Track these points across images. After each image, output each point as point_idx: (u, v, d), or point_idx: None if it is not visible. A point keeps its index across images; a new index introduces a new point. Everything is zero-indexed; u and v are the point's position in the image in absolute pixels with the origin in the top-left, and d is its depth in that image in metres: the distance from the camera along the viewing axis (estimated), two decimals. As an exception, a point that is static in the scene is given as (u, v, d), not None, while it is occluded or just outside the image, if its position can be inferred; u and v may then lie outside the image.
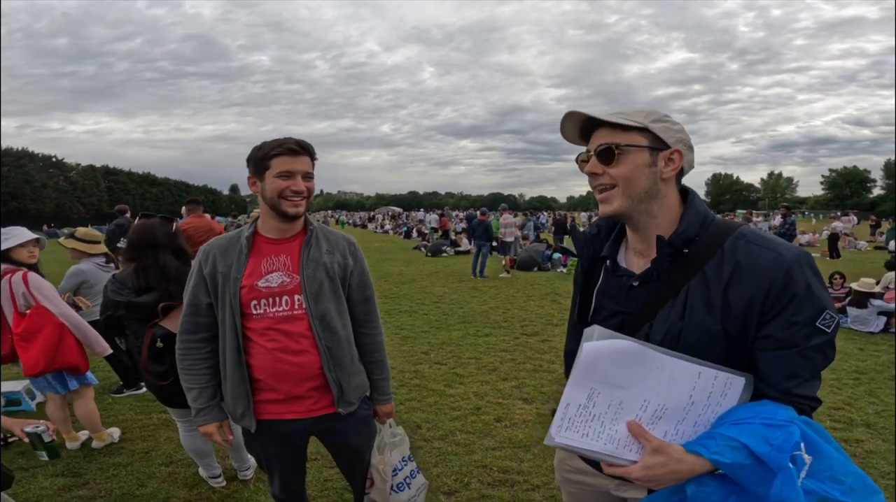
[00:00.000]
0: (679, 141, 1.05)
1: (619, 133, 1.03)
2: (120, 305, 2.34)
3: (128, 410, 3.89)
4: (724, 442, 0.91)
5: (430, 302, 8.27)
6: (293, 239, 1.72)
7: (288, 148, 1.61)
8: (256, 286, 1.64)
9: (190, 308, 1.71)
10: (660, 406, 0.98)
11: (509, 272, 11.57)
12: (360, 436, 1.87)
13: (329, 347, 1.69)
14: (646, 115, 1.04)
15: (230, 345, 1.66)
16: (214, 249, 1.70)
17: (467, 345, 5.65)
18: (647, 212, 1.06)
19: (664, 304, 1.04)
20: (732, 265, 0.98)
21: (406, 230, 26.91)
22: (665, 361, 0.98)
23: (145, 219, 2.55)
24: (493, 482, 2.81)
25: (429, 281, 10.77)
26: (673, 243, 1.04)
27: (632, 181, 1.03)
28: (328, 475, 2.87)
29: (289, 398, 1.71)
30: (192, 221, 5.66)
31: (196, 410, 1.74)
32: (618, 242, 1.19)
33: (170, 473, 2.95)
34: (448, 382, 4.42)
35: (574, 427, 1.00)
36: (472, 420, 3.60)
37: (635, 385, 0.98)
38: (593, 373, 0.98)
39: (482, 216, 11.98)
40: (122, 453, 3.20)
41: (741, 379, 0.99)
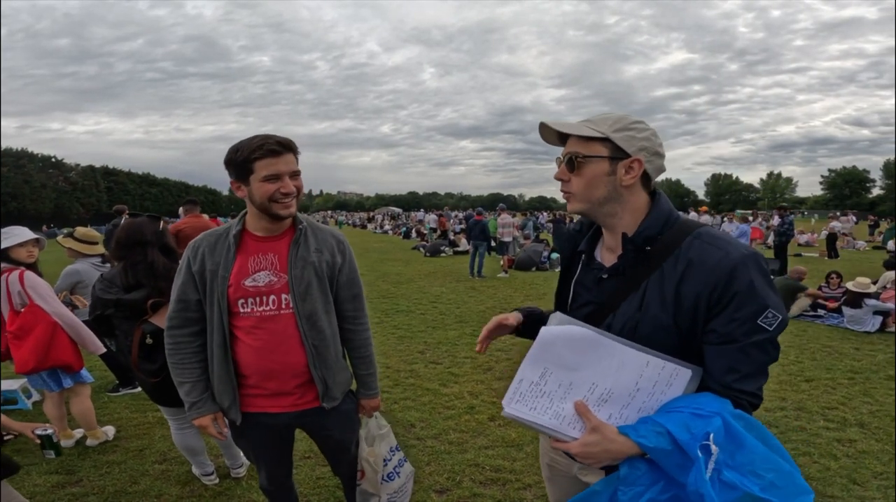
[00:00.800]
0: (641, 149, 1.10)
1: (583, 143, 1.11)
2: (109, 303, 2.34)
3: (123, 409, 3.91)
4: (652, 427, 0.97)
5: (427, 302, 8.28)
6: (281, 237, 1.70)
7: (269, 149, 1.55)
8: (243, 285, 1.63)
9: (179, 304, 1.70)
10: (606, 390, 1.06)
11: (507, 272, 11.59)
12: (343, 430, 1.89)
13: (315, 345, 1.69)
14: (611, 125, 1.10)
15: (217, 341, 1.67)
16: (203, 246, 1.69)
17: (463, 344, 5.67)
18: (609, 214, 1.14)
19: (626, 297, 1.11)
20: (685, 262, 1.05)
21: (405, 230, 26.93)
22: (616, 348, 1.06)
23: (133, 218, 2.56)
24: (485, 480, 2.82)
25: (427, 281, 10.78)
26: (634, 241, 1.11)
27: (589, 188, 1.11)
28: (321, 473, 2.88)
29: (274, 393, 1.73)
30: (189, 221, 5.70)
31: (189, 404, 1.73)
32: (596, 238, 1.27)
33: (163, 471, 2.97)
34: (443, 381, 4.43)
35: (524, 400, 1.08)
36: (466, 419, 3.61)
37: (586, 368, 1.06)
38: (547, 354, 1.07)
39: (478, 216, 12.00)
40: (116, 451, 3.22)
41: (688, 371, 1.05)
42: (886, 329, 6.19)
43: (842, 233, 18.49)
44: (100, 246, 4.01)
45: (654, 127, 1.14)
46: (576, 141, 1.12)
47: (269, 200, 1.57)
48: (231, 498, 2.68)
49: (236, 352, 1.68)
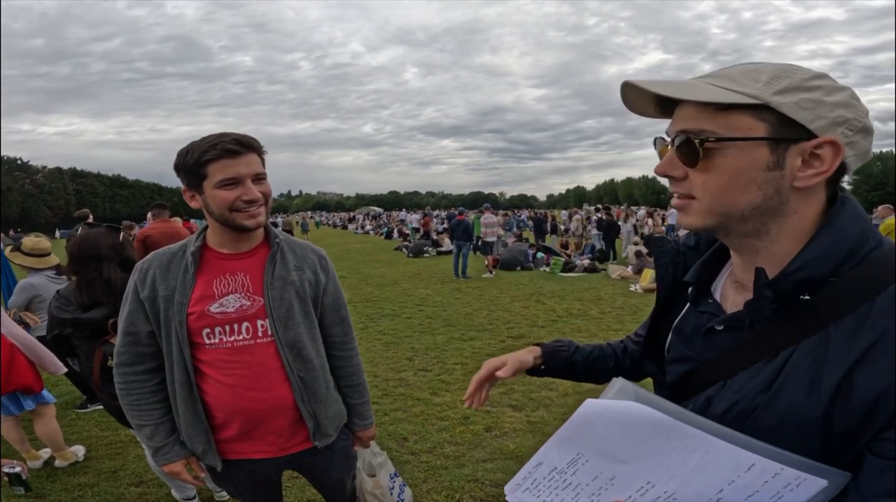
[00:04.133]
0: (838, 122, 0.63)
1: (714, 115, 0.65)
2: (66, 323, 2.12)
3: (93, 426, 3.69)
4: None
5: (412, 304, 8.12)
6: (252, 253, 1.45)
7: (224, 149, 1.29)
8: (208, 311, 1.38)
9: (127, 337, 1.43)
10: (666, 494, 0.72)
11: (492, 272, 11.50)
12: (339, 469, 1.69)
13: (302, 377, 1.47)
14: (769, 80, 0.63)
15: (179, 379, 1.41)
16: (153, 268, 1.42)
17: (452, 349, 5.52)
18: (756, 233, 0.69)
19: (749, 366, 0.71)
20: (879, 332, 0.60)
21: (387, 231, 26.69)
22: (703, 442, 0.68)
23: (88, 230, 2.30)
24: (486, 497, 2.70)
25: (411, 282, 10.60)
26: (777, 285, 0.66)
27: (726, 194, 0.66)
28: (311, 495, 2.71)
29: (256, 436, 1.48)
30: (158, 226, 5.35)
31: (154, 449, 1.47)
32: (714, 265, 0.84)
33: (140, 494, 2.78)
34: (434, 390, 4.28)
35: (537, 491, 0.79)
36: (461, 430, 3.47)
37: (642, 461, 0.72)
38: (587, 436, 0.73)
39: (460, 216, 11.88)
40: (87, 472, 3.02)
41: (821, 482, 0.65)
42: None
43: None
44: (52, 257, 3.73)
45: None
46: (698, 111, 0.66)
47: (229, 210, 1.33)
48: (214, 524, 2.50)
49: (204, 392, 1.43)
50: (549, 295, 8.81)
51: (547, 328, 6.42)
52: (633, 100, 0.74)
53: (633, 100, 0.74)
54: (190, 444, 1.48)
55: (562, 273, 11.44)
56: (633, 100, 0.74)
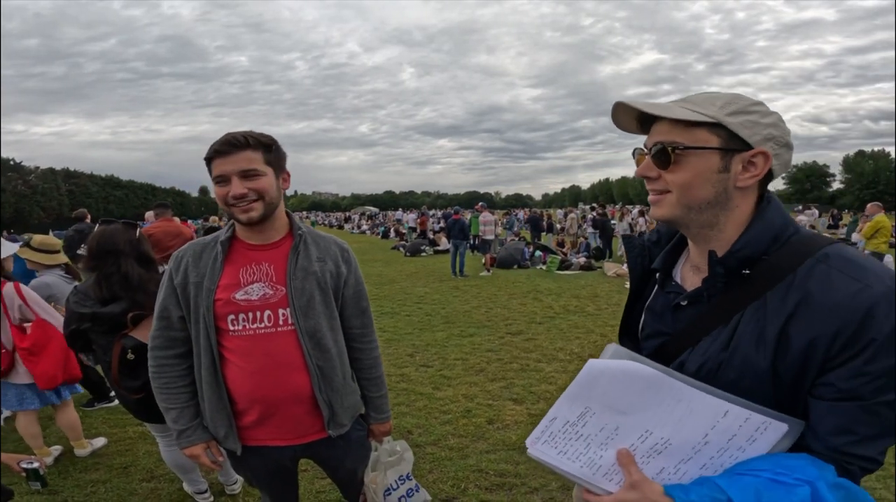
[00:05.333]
0: (768, 138, 0.84)
1: (682, 130, 0.85)
2: (85, 317, 2.18)
3: (101, 424, 3.73)
4: (708, 492, 0.78)
5: (411, 303, 8.21)
6: (277, 245, 1.52)
7: (215, 149, 1.38)
8: (233, 299, 1.44)
9: (161, 321, 1.52)
10: (663, 439, 0.86)
11: (490, 270, 11.59)
12: (353, 459, 1.74)
13: (320, 366, 1.52)
14: (722, 106, 0.84)
15: (205, 364, 1.48)
16: (187, 256, 1.51)
17: (452, 345, 5.61)
18: (708, 223, 0.89)
19: (710, 332, 0.89)
20: (801, 294, 0.80)
21: (383, 230, 26.72)
22: (686, 392, 0.85)
23: (105, 226, 2.38)
24: (491, 486, 2.77)
25: (409, 281, 10.69)
26: (726, 262, 0.87)
27: (691, 189, 0.86)
28: (320, 486, 2.78)
29: (275, 422, 1.54)
30: (161, 225, 5.42)
31: (178, 432, 1.55)
32: (676, 253, 1.04)
33: (152, 489, 2.82)
34: (436, 385, 4.37)
35: (554, 442, 0.91)
36: (464, 423, 3.56)
37: (640, 412, 0.87)
38: (592, 391, 0.88)
39: (456, 215, 11.96)
40: (99, 468, 3.06)
41: (782, 426, 0.82)
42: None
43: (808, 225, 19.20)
44: (61, 254, 3.76)
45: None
46: (670, 127, 0.86)
47: (226, 205, 1.41)
48: (228, 515, 2.57)
49: (228, 378, 1.49)
50: (546, 292, 8.91)
51: (545, 324, 6.52)
52: (620, 118, 0.93)
53: (620, 118, 0.93)
54: (213, 428, 1.55)
55: (558, 271, 11.54)
56: (620, 118, 0.93)
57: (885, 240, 8.80)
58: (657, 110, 0.86)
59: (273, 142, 1.47)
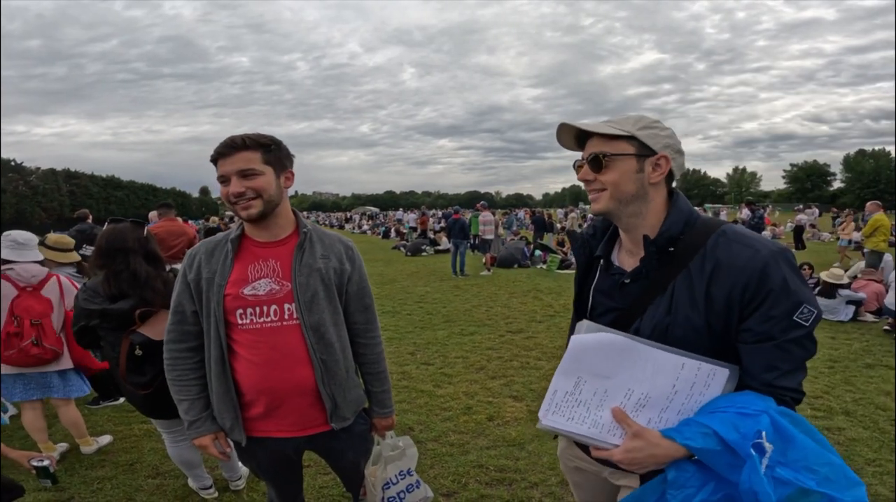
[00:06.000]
0: (666, 146, 1.10)
1: (608, 142, 1.10)
2: (94, 314, 2.22)
3: (106, 421, 3.76)
4: (697, 429, 0.96)
5: (412, 302, 8.25)
6: (284, 242, 1.58)
7: (217, 152, 1.47)
8: (242, 294, 1.51)
9: (175, 316, 1.59)
10: (643, 394, 1.05)
11: (490, 270, 11.63)
12: (356, 452, 1.78)
13: (324, 360, 1.57)
14: (634, 123, 1.11)
15: (215, 356, 1.55)
16: (200, 253, 1.58)
17: (453, 344, 5.65)
18: (634, 214, 1.13)
19: (653, 301, 1.10)
20: (713, 262, 1.03)
21: (384, 230, 26.76)
22: (649, 353, 1.04)
23: (114, 224, 2.43)
24: (491, 481, 2.81)
25: (410, 280, 10.73)
26: (657, 242, 1.10)
27: (619, 186, 1.10)
28: (323, 481, 2.82)
29: (279, 415, 1.59)
30: (165, 225, 5.54)
31: (188, 422, 1.61)
32: (612, 242, 1.25)
33: (158, 485, 2.85)
34: (437, 382, 4.41)
35: (560, 411, 1.08)
36: (464, 420, 3.60)
37: (620, 375, 1.05)
38: (579, 362, 1.07)
39: (456, 215, 12.01)
40: (105, 466, 3.08)
41: (725, 371, 1.04)
42: (859, 318, 6.44)
43: (808, 224, 19.19)
44: (74, 253, 3.85)
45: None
46: (599, 141, 1.11)
47: (229, 203, 1.49)
48: (233, 510, 2.59)
49: (235, 370, 1.56)
50: (546, 291, 8.95)
51: (545, 323, 6.55)
52: (563, 137, 1.19)
53: (563, 137, 1.19)
54: (220, 420, 1.61)
55: (559, 270, 11.58)
56: (563, 137, 1.19)
57: (884, 238, 8.82)
58: (589, 128, 1.12)
59: (272, 142, 1.53)
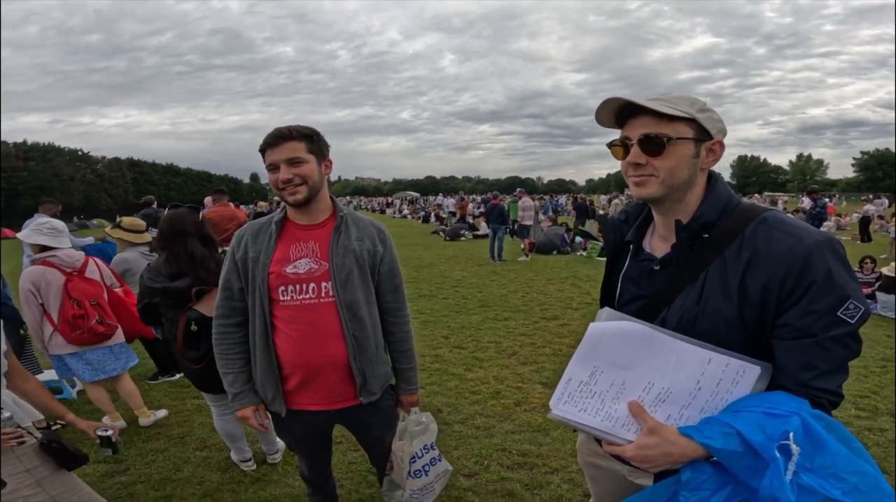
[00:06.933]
0: (720, 131, 1.04)
1: (665, 123, 1.00)
2: (156, 291, 2.43)
3: (163, 396, 4.01)
4: (719, 428, 0.89)
5: (449, 286, 8.34)
6: (322, 225, 1.70)
7: (267, 142, 1.60)
8: (284, 272, 1.63)
9: (224, 292, 1.73)
10: (664, 389, 0.98)
11: (528, 255, 11.55)
12: (381, 426, 1.89)
13: (356, 336, 1.68)
14: (691, 104, 1.01)
15: (259, 331, 1.67)
16: (247, 234, 1.72)
17: (487, 329, 5.70)
18: (677, 200, 1.06)
19: (682, 289, 1.03)
20: (751, 250, 0.96)
21: (424, 215, 26.96)
22: (674, 345, 0.97)
23: (174, 209, 2.64)
24: (512, 465, 2.86)
25: (448, 265, 10.83)
26: (690, 228, 1.03)
27: (674, 171, 1.01)
28: (352, 458, 2.96)
29: (313, 388, 1.71)
30: (218, 210, 5.85)
31: (232, 395, 1.76)
32: (643, 227, 1.19)
33: (204, 457, 3.06)
34: (468, 366, 4.48)
35: (573, 401, 1.02)
36: (492, 404, 3.66)
37: (640, 366, 0.99)
38: (596, 351, 1.01)
39: (495, 200, 11.95)
40: (159, 438, 3.31)
41: (756, 368, 0.96)
42: (923, 310, 6.01)
43: (876, 215, 17.84)
44: (146, 234, 4.08)
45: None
46: (652, 121, 1.01)
47: (277, 189, 1.61)
48: (269, 483, 2.75)
49: (277, 344, 1.68)
50: (584, 278, 8.82)
51: (581, 310, 6.49)
52: (602, 114, 1.07)
53: (602, 114, 1.07)
54: (262, 391, 1.75)
55: (599, 257, 11.34)
56: (602, 114, 1.07)
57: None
58: (648, 104, 1.00)
59: (314, 133, 1.65)
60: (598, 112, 1.07)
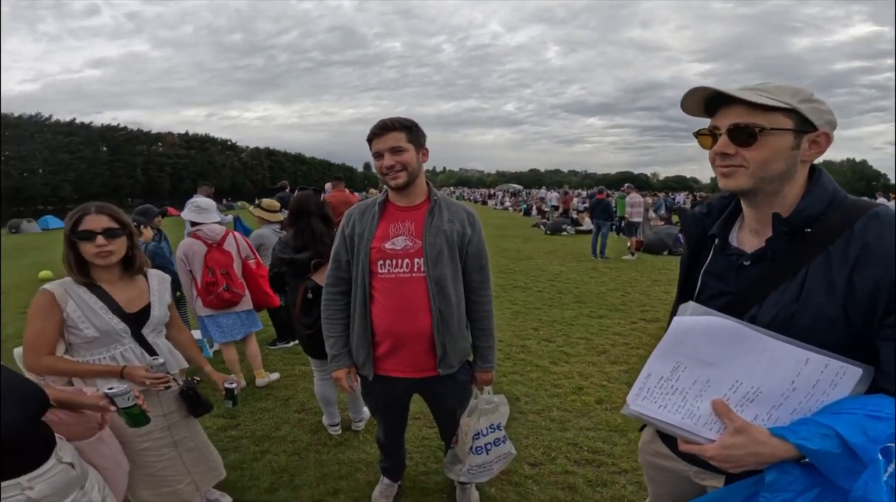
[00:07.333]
0: (828, 122, 0.98)
1: (760, 113, 0.96)
2: (284, 262, 2.81)
3: (277, 361, 4.46)
4: (816, 429, 0.84)
5: (545, 279, 8.23)
6: (418, 207, 1.88)
7: (373, 132, 1.81)
8: (384, 247, 1.83)
9: (333, 263, 1.96)
10: (753, 388, 0.93)
11: (635, 254, 10.94)
12: (455, 398, 2.02)
13: (441, 310, 1.83)
14: (793, 94, 0.96)
15: (359, 299, 1.88)
16: (355, 213, 1.94)
17: (579, 324, 5.57)
18: (773, 192, 1.01)
19: (777, 286, 0.99)
20: (860, 246, 0.92)
21: (525, 208, 26.64)
22: (768, 343, 0.92)
23: (301, 192, 3.04)
24: (581, 460, 2.83)
25: (546, 258, 10.67)
26: (791, 222, 0.99)
27: (767, 164, 0.97)
28: (426, 434, 3.13)
29: (400, 355, 1.90)
30: (336, 195, 6.58)
31: (331, 356, 1.99)
32: (730, 221, 1.15)
33: (300, 419, 3.37)
34: (554, 359, 4.44)
35: (652, 397, 0.98)
36: (572, 399, 3.61)
37: (728, 364, 0.94)
38: (681, 347, 0.96)
39: (600, 195, 11.45)
40: (268, 399, 3.68)
41: (857, 370, 0.90)
42: None
43: None
44: (279, 214, 4.63)
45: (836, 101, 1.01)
46: (745, 110, 0.97)
47: (381, 174, 1.81)
48: (348, 448, 3.00)
49: (372, 313, 1.88)
50: (695, 280, 8.15)
51: (685, 314, 6.04)
52: (688, 102, 1.04)
53: (688, 102, 1.04)
54: (355, 355, 1.97)
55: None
56: (688, 102, 1.04)
57: None
58: (739, 94, 0.97)
59: (413, 124, 1.83)
60: (684, 100, 1.04)
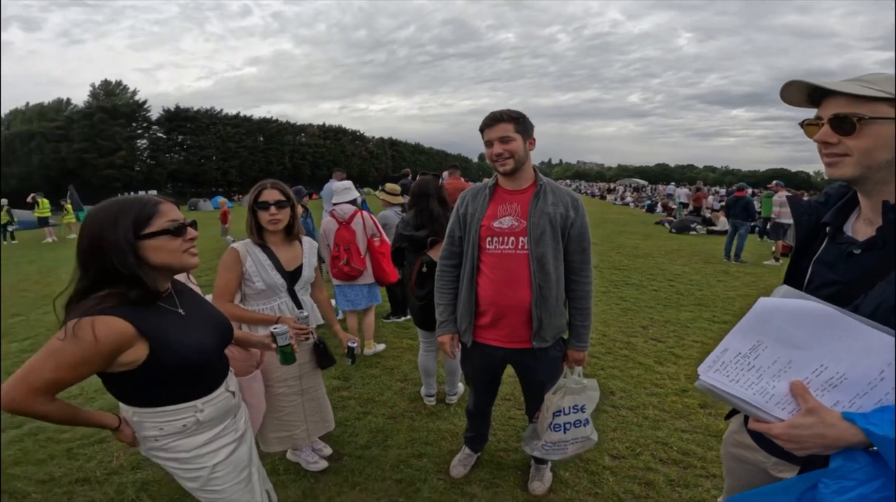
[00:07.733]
0: None
1: (862, 103, 0.97)
2: (404, 238, 3.14)
3: (388, 334, 4.86)
4: (889, 416, 0.81)
5: (663, 279, 7.75)
6: (525, 191, 2.03)
7: (484, 123, 1.98)
8: (492, 226, 2.01)
9: (448, 239, 2.18)
10: (838, 374, 0.91)
11: (779, 260, 9.70)
12: (545, 373, 2.13)
13: (540, 286, 1.96)
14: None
15: (468, 272, 2.07)
16: (469, 195, 2.14)
17: (696, 328, 5.19)
18: (882, 180, 1.00)
19: (885, 275, 0.95)
20: None
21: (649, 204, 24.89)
22: (861, 330, 0.90)
23: (422, 176, 3.34)
24: (667, 459, 2.72)
25: (667, 258, 9.96)
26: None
27: (870, 152, 0.97)
28: (513, 414, 3.23)
29: (499, 326, 2.06)
30: (452, 182, 6.99)
31: (439, 322, 2.21)
32: (847, 210, 1.13)
33: (401, 388, 3.68)
34: (660, 359, 4.25)
35: (725, 371, 0.98)
36: (673, 400, 3.45)
37: (815, 348, 0.92)
38: (765, 326, 0.96)
39: (740, 192, 10.25)
40: (377, 366, 4.05)
41: None
42: None
43: None
44: (400, 197, 5.09)
45: None
46: (846, 101, 0.98)
47: (491, 161, 1.98)
48: (439, 418, 3.22)
49: (478, 285, 2.07)
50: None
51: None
52: (789, 93, 1.05)
53: (789, 93, 1.05)
54: (459, 323, 2.18)
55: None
56: (789, 93, 1.05)
57: None
58: (835, 87, 0.98)
59: (521, 115, 1.98)
60: (782, 93, 1.06)
